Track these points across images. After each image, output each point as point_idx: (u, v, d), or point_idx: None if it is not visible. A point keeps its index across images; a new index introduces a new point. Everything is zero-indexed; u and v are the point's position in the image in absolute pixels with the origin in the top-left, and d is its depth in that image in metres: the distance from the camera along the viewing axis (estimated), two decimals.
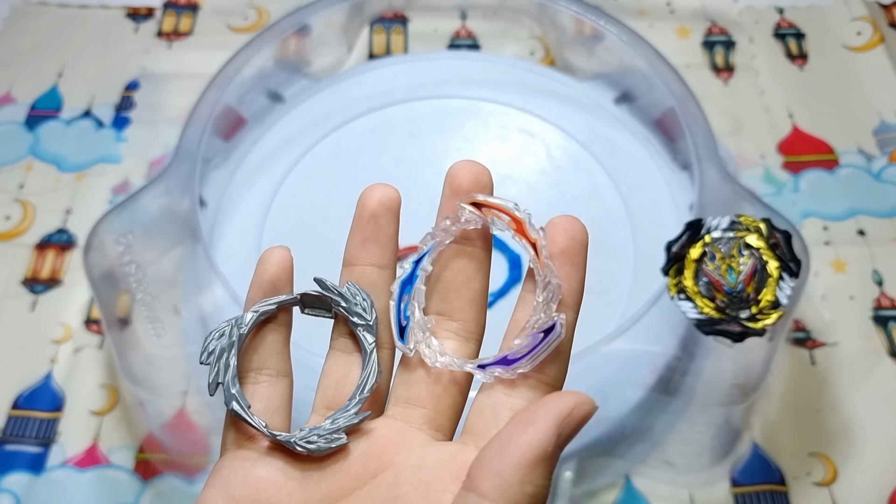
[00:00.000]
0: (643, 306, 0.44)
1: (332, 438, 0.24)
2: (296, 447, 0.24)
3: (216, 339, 0.25)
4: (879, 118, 0.63)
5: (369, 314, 0.25)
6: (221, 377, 0.24)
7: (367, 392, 0.25)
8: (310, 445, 0.24)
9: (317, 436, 0.24)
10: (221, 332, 0.25)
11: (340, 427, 0.24)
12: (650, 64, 0.55)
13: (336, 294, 0.25)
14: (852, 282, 0.55)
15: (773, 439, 0.49)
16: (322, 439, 0.24)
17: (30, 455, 0.49)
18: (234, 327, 0.25)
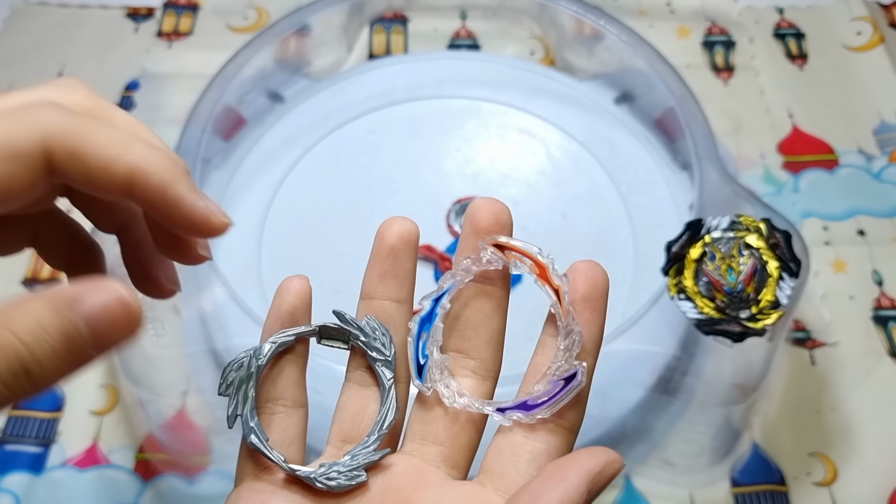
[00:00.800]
0: (643, 306, 0.44)
1: (353, 476, 0.24)
2: (316, 483, 0.24)
3: (235, 370, 0.25)
4: (879, 118, 0.63)
5: (388, 349, 0.25)
6: (240, 409, 0.25)
7: (386, 428, 0.25)
8: (330, 482, 0.24)
9: (336, 472, 0.24)
10: (240, 364, 0.25)
11: (360, 464, 0.24)
12: (650, 64, 0.55)
13: (355, 328, 0.25)
14: (852, 282, 0.55)
15: (773, 439, 0.49)
16: (342, 476, 0.24)
17: (30, 455, 0.49)
18: (253, 358, 0.25)
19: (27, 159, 0.19)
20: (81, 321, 0.18)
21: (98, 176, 0.20)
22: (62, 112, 0.19)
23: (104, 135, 0.20)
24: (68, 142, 0.19)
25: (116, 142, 0.20)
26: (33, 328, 0.17)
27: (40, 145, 0.19)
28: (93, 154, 0.19)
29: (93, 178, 0.20)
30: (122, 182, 0.20)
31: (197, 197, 0.21)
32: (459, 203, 0.55)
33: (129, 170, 0.20)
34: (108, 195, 0.20)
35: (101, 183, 0.20)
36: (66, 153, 0.19)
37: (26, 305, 0.18)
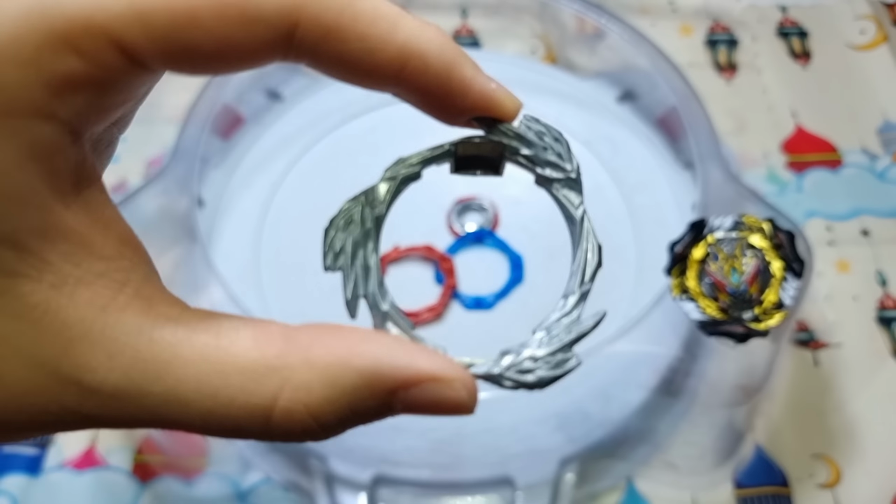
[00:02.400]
0: (645, 307, 0.44)
1: (560, 361, 0.16)
2: (503, 382, 0.16)
3: (342, 229, 0.17)
4: (883, 117, 0.62)
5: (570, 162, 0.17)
6: (362, 287, 0.17)
7: (590, 281, 0.17)
8: (526, 377, 0.16)
9: (532, 360, 0.16)
10: (348, 219, 0.17)
11: (566, 341, 0.16)
12: (652, 62, 0.55)
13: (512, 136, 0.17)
14: (856, 282, 0.54)
15: (777, 441, 0.48)
16: (543, 364, 0.16)
17: (27, 457, 0.48)
18: (366, 207, 0.17)
19: (263, 29, 0.15)
20: (400, 407, 0.15)
21: (359, 61, 0.16)
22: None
23: (367, 7, 0.15)
24: (324, 17, 0.15)
25: (383, 17, 0.16)
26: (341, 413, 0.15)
27: (287, 15, 0.15)
28: (354, 34, 0.15)
29: (353, 62, 0.16)
30: (392, 69, 0.16)
31: (487, 79, 0.17)
32: (460, 203, 0.54)
33: (400, 54, 0.16)
34: (368, 83, 0.16)
35: (364, 68, 0.16)
36: (320, 31, 0.15)
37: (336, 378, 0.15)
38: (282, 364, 0.15)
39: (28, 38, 0.13)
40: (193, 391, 0.14)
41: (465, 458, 0.46)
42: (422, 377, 0.15)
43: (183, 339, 0.15)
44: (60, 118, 0.14)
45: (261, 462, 0.48)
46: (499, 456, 0.45)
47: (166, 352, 0.14)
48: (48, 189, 0.14)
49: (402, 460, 0.45)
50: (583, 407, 0.45)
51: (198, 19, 0.14)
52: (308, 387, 0.15)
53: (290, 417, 0.15)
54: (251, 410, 0.15)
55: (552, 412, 0.45)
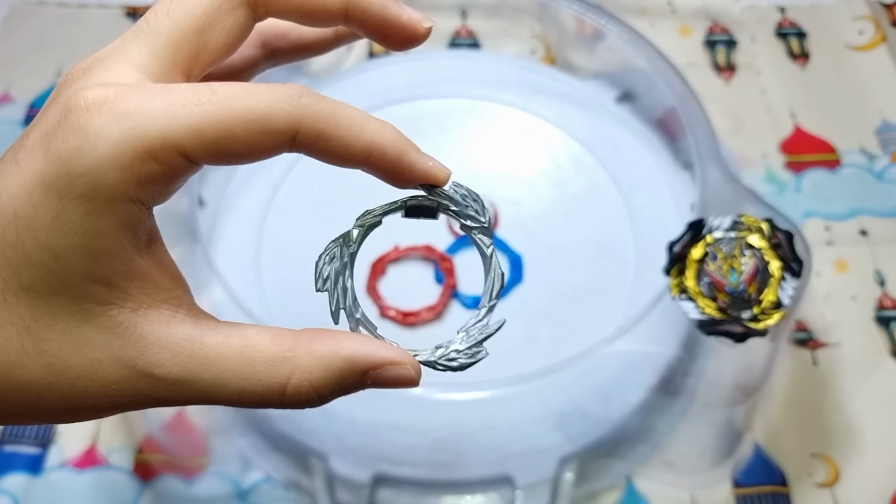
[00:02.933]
0: (645, 307, 0.44)
1: (473, 353, 0.24)
2: (437, 366, 0.24)
3: (328, 262, 0.24)
4: (881, 118, 0.63)
5: (483, 216, 0.25)
6: (342, 302, 0.24)
7: (495, 298, 0.24)
8: (452, 363, 0.24)
9: (455, 352, 0.24)
10: (331, 255, 0.24)
11: (478, 339, 0.24)
12: (651, 63, 0.55)
13: (444, 197, 0.24)
14: (854, 282, 0.55)
15: (775, 440, 0.49)
16: (463, 355, 0.24)
17: (28, 456, 0.48)
18: (343, 247, 0.24)
19: (277, 136, 0.21)
20: (370, 382, 0.22)
21: (339, 153, 0.22)
22: (312, 96, 0.22)
23: (344, 116, 0.22)
24: (316, 125, 0.21)
25: (355, 122, 0.22)
26: (332, 386, 0.22)
27: (292, 126, 0.21)
28: (335, 135, 0.22)
29: (333, 154, 0.22)
30: (361, 157, 0.22)
31: (426, 159, 0.23)
32: None
33: (367, 147, 0.22)
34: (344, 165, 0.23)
35: (341, 158, 0.22)
36: (313, 135, 0.21)
37: (329, 363, 0.22)
38: (292, 355, 0.22)
39: (125, 152, 0.19)
40: (232, 376, 0.21)
41: (465, 458, 0.46)
42: (385, 361, 0.22)
43: (223, 341, 0.21)
44: (142, 201, 0.20)
45: (261, 461, 0.48)
46: (498, 455, 0.45)
47: (212, 351, 0.21)
48: (131, 247, 0.21)
49: (402, 459, 0.45)
50: (582, 406, 0.46)
51: (234, 132, 0.20)
52: (311, 369, 0.22)
53: (298, 391, 0.22)
54: (272, 387, 0.21)
55: (552, 411, 0.45)
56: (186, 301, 0.22)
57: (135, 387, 0.21)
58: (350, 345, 0.22)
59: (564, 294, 0.51)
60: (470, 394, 0.43)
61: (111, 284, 0.20)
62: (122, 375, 0.21)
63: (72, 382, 0.21)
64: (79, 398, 0.21)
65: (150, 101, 0.20)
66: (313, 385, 0.22)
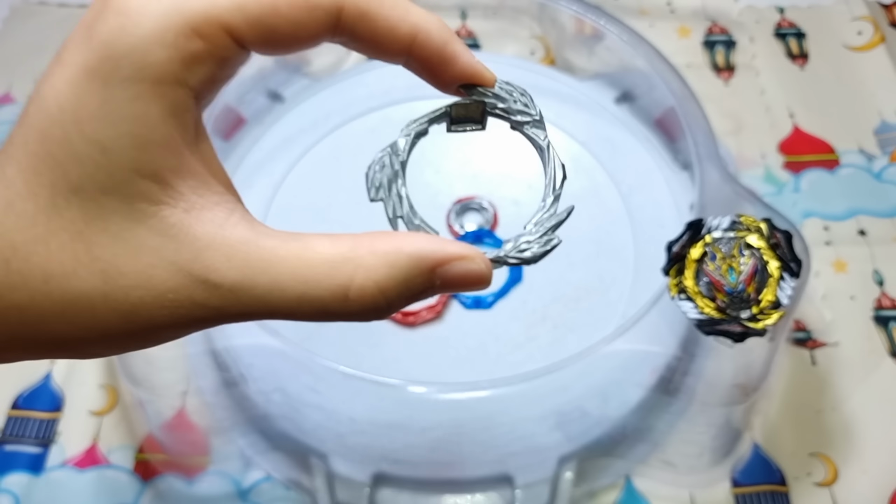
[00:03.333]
0: (644, 306, 0.44)
1: (547, 241, 0.22)
2: (508, 260, 0.22)
3: (379, 171, 0.23)
4: (880, 118, 0.63)
5: (533, 108, 0.24)
6: (399, 210, 0.23)
7: (560, 188, 0.23)
8: (524, 254, 0.22)
9: (526, 242, 0.22)
10: (381, 164, 0.23)
11: (548, 227, 0.23)
12: (651, 63, 0.55)
13: (490, 96, 0.24)
14: (853, 282, 0.55)
15: (774, 440, 0.49)
16: (535, 244, 0.22)
17: (29, 455, 0.48)
18: (392, 156, 0.23)
19: (321, 13, 0.20)
20: (439, 282, 0.21)
21: (383, 36, 0.21)
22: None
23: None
24: (360, 3, 0.21)
25: (399, 4, 0.21)
26: (400, 287, 0.20)
27: (336, 3, 0.20)
28: (381, 15, 0.21)
29: (378, 37, 0.21)
30: (405, 41, 0.21)
31: (471, 54, 0.23)
32: (459, 203, 0.55)
33: (412, 30, 0.21)
34: (387, 54, 0.22)
35: (385, 42, 0.21)
36: (357, 13, 0.21)
37: (394, 260, 0.20)
38: (354, 255, 0.20)
39: (169, 27, 0.19)
40: (290, 279, 0.20)
41: (465, 457, 0.46)
42: (453, 256, 0.21)
43: (280, 244, 0.20)
44: (190, 85, 0.19)
45: (262, 460, 0.48)
46: (498, 454, 0.46)
47: (269, 254, 0.20)
48: (181, 139, 0.20)
49: (402, 459, 0.45)
50: (581, 405, 0.46)
51: (278, 7, 0.20)
52: (375, 268, 0.20)
53: (362, 293, 0.20)
54: (333, 290, 0.20)
55: (551, 411, 0.45)
56: (239, 208, 0.21)
57: (191, 295, 0.20)
58: (414, 241, 0.21)
59: (563, 294, 0.51)
60: (469, 393, 0.43)
61: (162, 181, 0.19)
62: (177, 282, 0.19)
63: (126, 292, 0.19)
64: (134, 311, 0.20)
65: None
66: (379, 285, 0.20)
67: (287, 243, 0.20)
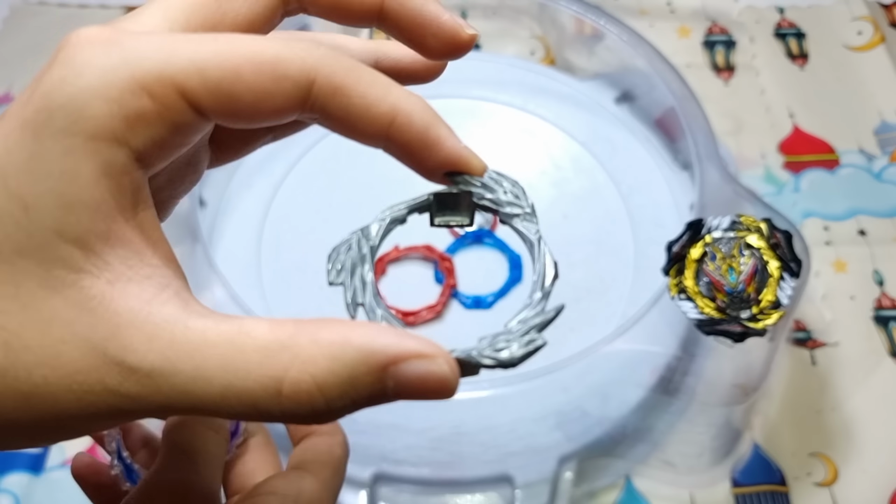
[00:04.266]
0: (644, 306, 0.44)
1: (529, 341, 0.19)
2: (483, 361, 0.19)
3: (344, 252, 0.21)
4: (880, 118, 0.63)
5: (524, 200, 0.22)
6: (361, 297, 0.20)
7: (550, 286, 0.21)
8: (500, 354, 0.19)
9: (505, 341, 0.19)
10: (348, 246, 0.21)
11: (533, 326, 0.20)
12: (651, 63, 0.55)
13: (479, 185, 0.21)
14: (853, 282, 0.55)
15: (774, 439, 0.49)
16: (515, 343, 0.19)
17: (29, 455, 0.48)
18: (362, 239, 0.21)
19: (289, 85, 0.18)
20: (391, 384, 0.17)
21: (359, 116, 0.20)
22: (330, 48, 0.19)
23: (366, 75, 0.19)
24: (334, 78, 0.19)
25: (378, 82, 0.20)
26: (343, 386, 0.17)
27: (306, 74, 0.18)
28: (356, 92, 0.19)
29: (352, 117, 0.20)
30: (383, 123, 0.20)
31: (456, 139, 0.21)
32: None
33: (391, 110, 0.20)
34: (363, 136, 0.20)
35: (361, 123, 0.20)
36: (330, 88, 0.19)
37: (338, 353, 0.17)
38: (292, 343, 0.17)
39: (114, 82, 0.17)
40: (217, 367, 0.17)
41: (465, 457, 0.46)
42: (410, 353, 0.18)
43: (211, 327, 0.18)
44: (131, 146, 0.17)
45: None
46: (498, 454, 0.46)
47: (197, 336, 0.17)
48: (114, 203, 0.18)
49: (402, 458, 0.45)
50: (581, 405, 0.46)
51: (241, 74, 0.18)
52: (314, 360, 0.17)
53: (296, 388, 0.17)
54: (265, 383, 0.17)
55: (551, 411, 0.45)
56: (176, 284, 0.19)
57: (102, 379, 0.17)
58: (367, 332, 0.18)
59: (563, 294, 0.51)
60: (469, 393, 0.43)
61: (86, 247, 0.17)
62: (87, 363, 0.17)
63: (29, 369, 0.17)
64: (37, 393, 0.17)
65: (150, 36, 0.18)
66: (317, 380, 0.17)
67: (219, 325, 0.18)
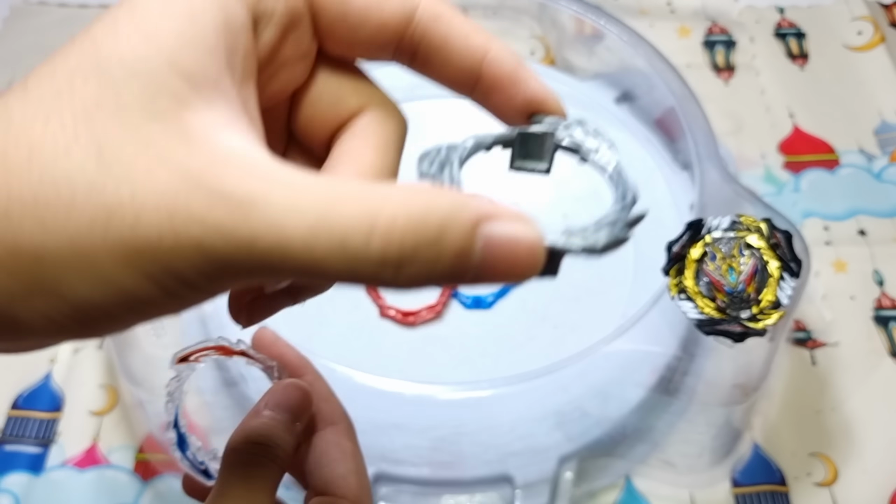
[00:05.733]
0: (644, 306, 0.44)
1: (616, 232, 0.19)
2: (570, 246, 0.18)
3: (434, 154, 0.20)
4: (880, 118, 0.63)
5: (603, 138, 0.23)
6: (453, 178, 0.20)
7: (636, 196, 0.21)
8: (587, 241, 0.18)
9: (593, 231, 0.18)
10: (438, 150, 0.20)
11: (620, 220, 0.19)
12: (651, 63, 0.55)
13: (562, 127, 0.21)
14: (853, 282, 0.55)
15: (774, 439, 0.49)
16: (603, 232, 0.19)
17: (29, 455, 0.48)
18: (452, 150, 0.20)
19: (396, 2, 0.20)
20: (480, 245, 0.16)
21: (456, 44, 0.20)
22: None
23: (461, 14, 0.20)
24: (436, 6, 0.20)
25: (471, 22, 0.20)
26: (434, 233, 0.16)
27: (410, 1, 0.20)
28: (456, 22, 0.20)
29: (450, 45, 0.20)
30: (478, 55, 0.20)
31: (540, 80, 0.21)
32: None
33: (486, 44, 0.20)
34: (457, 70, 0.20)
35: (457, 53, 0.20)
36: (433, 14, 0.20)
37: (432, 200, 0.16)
38: (389, 188, 0.16)
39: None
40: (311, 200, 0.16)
41: (465, 456, 0.46)
42: (503, 213, 0.17)
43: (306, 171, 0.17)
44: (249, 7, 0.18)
45: None
46: (498, 454, 0.46)
47: (295, 176, 0.16)
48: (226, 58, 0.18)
49: (403, 458, 0.45)
50: (581, 405, 0.46)
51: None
52: (410, 202, 0.16)
53: (392, 225, 0.16)
54: (360, 216, 0.16)
55: (551, 410, 0.45)
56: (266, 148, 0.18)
57: (190, 204, 0.16)
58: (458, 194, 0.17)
59: (563, 294, 0.51)
60: (469, 393, 0.43)
61: (195, 84, 0.17)
62: (178, 186, 0.16)
63: (118, 183, 0.16)
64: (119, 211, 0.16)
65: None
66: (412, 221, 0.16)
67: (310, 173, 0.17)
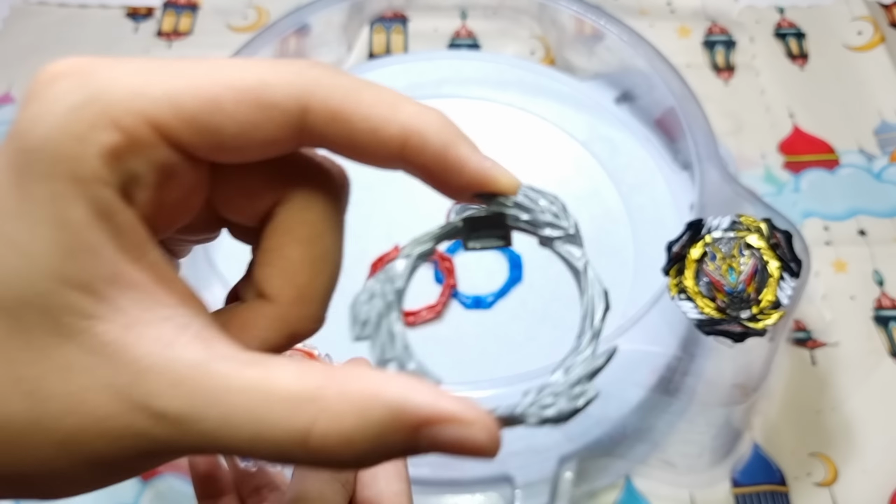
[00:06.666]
0: (644, 306, 0.44)
1: (577, 394, 0.17)
2: (528, 420, 0.17)
3: (366, 302, 0.18)
4: (880, 118, 0.63)
5: (565, 220, 0.19)
6: (390, 351, 0.18)
7: (600, 322, 0.19)
8: (547, 412, 0.17)
9: (552, 395, 0.17)
10: (370, 294, 0.18)
11: (582, 376, 0.18)
12: (651, 63, 0.55)
13: (512, 206, 0.19)
14: (853, 282, 0.55)
15: (774, 439, 0.49)
16: (562, 398, 0.17)
17: None
18: (386, 283, 0.19)
19: (278, 114, 0.17)
20: (425, 444, 0.16)
21: (365, 141, 0.18)
22: (325, 68, 0.18)
23: (369, 93, 0.18)
24: (330, 102, 0.17)
25: (385, 101, 0.18)
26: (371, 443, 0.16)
27: (297, 101, 0.17)
28: (357, 115, 0.17)
29: (358, 143, 0.18)
30: (394, 146, 0.18)
31: (482, 157, 0.19)
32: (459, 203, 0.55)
33: (401, 132, 0.18)
34: (375, 161, 0.18)
35: (368, 149, 0.18)
36: (328, 115, 0.17)
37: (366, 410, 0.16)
38: (320, 395, 0.16)
39: (85, 118, 0.16)
40: (243, 416, 0.16)
41: None
42: (444, 416, 0.16)
43: (235, 372, 0.17)
44: (113, 184, 0.16)
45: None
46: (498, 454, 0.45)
47: (221, 382, 0.16)
48: (115, 246, 0.17)
49: None
50: None
51: (220, 104, 0.17)
52: (342, 416, 0.16)
53: (324, 442, 0.16)
54: (291, 434, 0.16)
55: None
56: (196, 323, 0.18)
57: (132, 424, 0.16)
58: (398, 387, 0.16)
59: (564, 294, 0.51)
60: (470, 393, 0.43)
61: (94, 292, 0.16)
62: (114, 408, 0.16)
63: (57, 418, 0.16)
64: (71, 440, 0.16)
65: (125, 66, 0.17)
66: (344, 437, 0.16)
67: (244, 370, 0.17)
